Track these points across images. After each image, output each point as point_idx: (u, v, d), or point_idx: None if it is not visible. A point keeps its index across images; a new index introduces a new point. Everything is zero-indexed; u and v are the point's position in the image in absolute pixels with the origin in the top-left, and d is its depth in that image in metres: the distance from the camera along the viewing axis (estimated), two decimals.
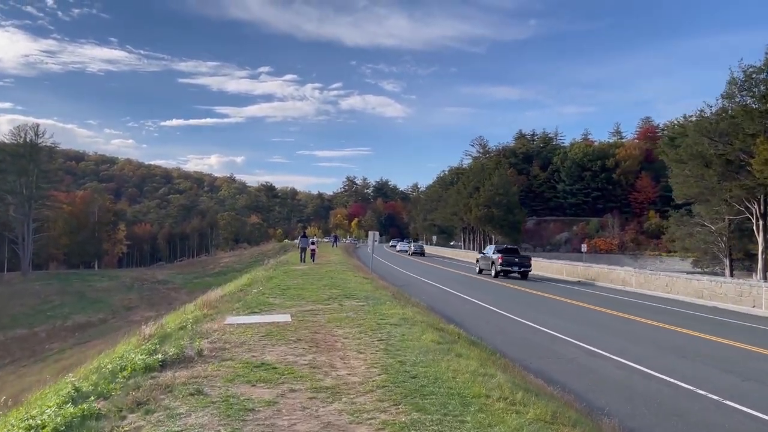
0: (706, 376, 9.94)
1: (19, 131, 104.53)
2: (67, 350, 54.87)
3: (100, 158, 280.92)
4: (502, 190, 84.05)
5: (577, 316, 18.10)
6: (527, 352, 11.47)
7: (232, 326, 9.75)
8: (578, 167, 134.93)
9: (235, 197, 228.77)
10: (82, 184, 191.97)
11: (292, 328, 9.68)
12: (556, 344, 12.65)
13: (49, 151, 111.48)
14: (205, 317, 11.15)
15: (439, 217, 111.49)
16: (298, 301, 13.43)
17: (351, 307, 12.44)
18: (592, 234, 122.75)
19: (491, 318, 16.64)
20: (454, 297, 22.41)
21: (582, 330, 14.81)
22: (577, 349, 12.07)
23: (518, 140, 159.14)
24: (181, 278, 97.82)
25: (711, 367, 10.73)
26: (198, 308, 13.05)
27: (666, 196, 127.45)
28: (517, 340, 13.12)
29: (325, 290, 16.40)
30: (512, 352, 10.91)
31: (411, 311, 11.82)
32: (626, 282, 28.99)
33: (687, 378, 9.54)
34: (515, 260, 34.51)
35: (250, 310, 11.72)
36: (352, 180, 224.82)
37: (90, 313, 74.24)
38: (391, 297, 14.81)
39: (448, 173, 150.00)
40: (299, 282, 19.15)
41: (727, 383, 9.42)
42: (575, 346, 12.45)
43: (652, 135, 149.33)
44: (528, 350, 11.78)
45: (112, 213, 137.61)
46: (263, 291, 15.69)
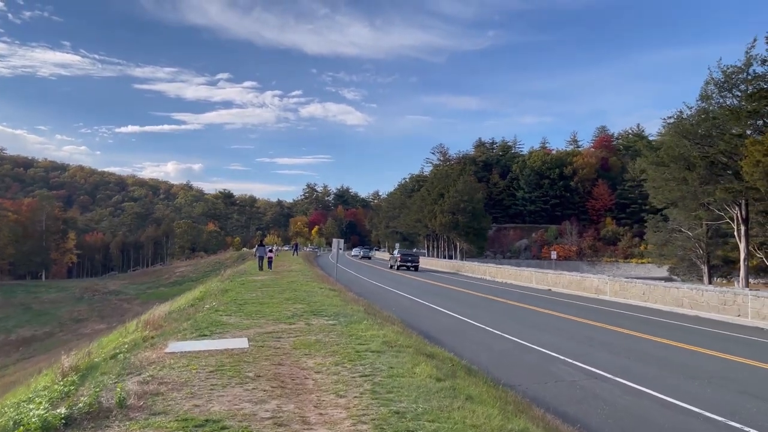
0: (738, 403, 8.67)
1: None
2: (11, 366, 51.45)
3: (51, 165, 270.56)
4: (467, 197, 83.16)
5: (561, 328, 16.85)
6: (524, 375, 10.05)
7: (174, 356, 7.97)
8: (537, 175, 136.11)
9: (192, 205, 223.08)
10: (30, 191, 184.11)
11: (249, 358, 7.90)
12: (549, 364, 11.27)
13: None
14: (144, 341, 9.30)
15: (403, 225, 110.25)
16: (257, 320, 11.59)
17: (320, 326, 10.74)
18: (550, 241, 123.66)
19: (473, 333, 15.21)
20: (425, 308, 20.95)
21: (571, 345, 13.51)
22: (575, 370, 10.71)
23: (478, 148, 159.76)
24: (135, 289, 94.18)
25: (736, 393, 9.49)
26: (139, 329, 11.18)
27: (622, 204, 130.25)
28: (507, 359, 11.70)
29: (288, 305, 14.53)
30: (509, 376, 9.47)
31: (391, 331, 10.14)
32: (600, 290, 28.07)
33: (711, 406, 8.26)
34: (408, 259, 53.21)
35: (200, 333, 9.87)
36: (312, 187, 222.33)
37: (36, 326, 70.44)
38: (364, 312, 12.96)
39: (409, 180, 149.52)
40: (258, 295, 17.12)
41: None
42: (571, 366, 11.10)
43: (607, 144, 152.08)
44: (524, 372, 10.36)
45: (61, 221, 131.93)
46: (217, 307, 13.65)
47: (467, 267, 52.06)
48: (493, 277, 42.82)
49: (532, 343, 13.64)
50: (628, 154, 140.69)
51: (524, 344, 13.51)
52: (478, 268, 48.60)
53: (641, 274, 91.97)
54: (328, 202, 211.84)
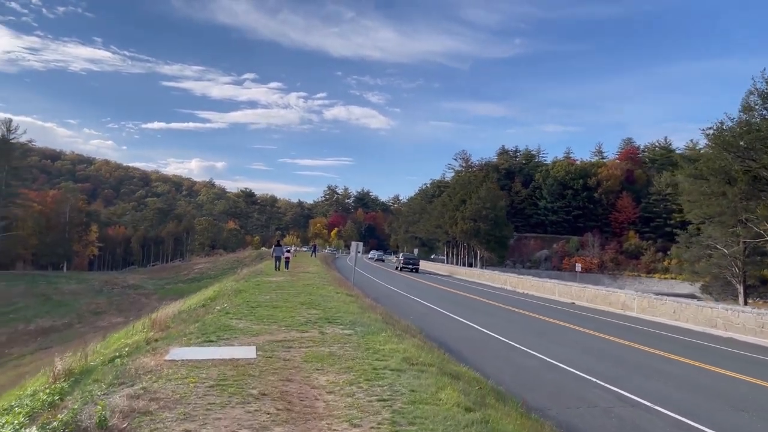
0: None
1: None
2: (27, 356, 51.58)
3: (77, 158, 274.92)
4: (490, 204, 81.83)
5: (588, 346, 15.95)
6: (554, 398, 9.25)
7: (174, 364, 7.31)
8: (560, 185, 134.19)
9: (213, 202, 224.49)
10: (56, 183, 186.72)
11: (255, 371, 7.16)
12: (579, 386, 10.45)
13: (21, 147, 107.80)
14: (147, 344, 8.69)
15: (422, 230, 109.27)
16: (268, 326, 10.85)
17: (335, 336, 9.93)
18: (572, 252, 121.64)
19: (495, 347, 14.43)
20: (444, 317, 20.19)
21: (602, 366, 12.64)
22: (608, 395, 9.87)
23: (501, 156, 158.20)
24: (153, 283, 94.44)
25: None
26: (145, 329, 10.60)
27: (646, 217, 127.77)
28: (533, 378, 10.89)
29: (302, 310, 13.76)
30: (537, 398, 8.71)
31: (411, 345, 9.38)
32: (627, 306, 26.98)
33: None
34: (410, 262, 61.27)
35: (205, 338, 9.18)
36: (333, 189, 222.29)
37: (55, 317, 70.84)
38: (381, 322, 12.27)
39: (430, 186, 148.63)
40: (272, 298, 16.47)
41: None
42: (603, 389, 10.26)
43: (633, 156, 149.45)
44: (553, 395, 9.55)
45: (84, 214, 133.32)
46: (228, 309, 13.03)
47: (487, 276, 51.06)
48: (514, 287, 41.82)
49: (558, 360, 12.81)
50: (654, 167, 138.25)
51: (550, 362, 12.68)
52: (499, 277, 47.60)
53: (664, 289, 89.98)
54: (348, 205, 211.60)
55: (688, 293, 69.12)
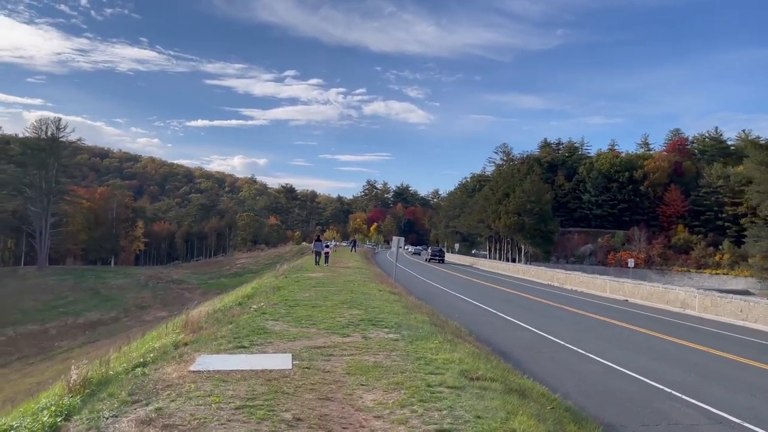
0: None
1: (41, 125, 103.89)
2: (76, 349, 52.75)
3: (124, 155, 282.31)
4: (534, 198, 79.43)
5: (654, 349, 14.65)
6: (627, 413, 8.17)
7: (199, 376, 6.52)
8: (605, 178, 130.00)
9: (255, 198, 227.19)
10: (105, 180, 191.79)
11: (289, 387, 6.22)
12: (654, 397, 9.29)
13: (69, 145, 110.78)
14: (176, 348, 7.96)
15: (464, 225, 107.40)
16: (307, 328, 10.08)
17: (379, 342, 8.96)
18: (617, 247, 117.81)
19: (551, 350, 13.32)
20: (492, 317, 19.12)
21: (674, 374, 11.39)
22: (688, 409, 8.70)
23: (543, 149, 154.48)
24: (197, 278, 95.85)
25: None
26: (176, 331, 9.93)
27: (696, 211, 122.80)
28: (599, 388, 9.78)
29: (343, 310, 12.94)
30: (609, 413, 7.65)
31: (466, 353, 8.42)
32: (687, 304, 25.29)
33: None
34: (437, 254, 71.99)
35: (237, 342, 8.42)
36: (372, 184, 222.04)
37: (102, 310, 72.47)
38: (429, 324, 11.36)
39: (470, 180, 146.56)
40: (311, 295, 15.77)
41: None
42: (682, 402, 9.08)
43: (681, 148, 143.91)
44: (626, 409, 8.45)
45: (130, 210, 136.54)
46: (264, 308, 12.36)
47: (532, 271, 49.42)
48: (562, 283, 40.19)
49: (624, 366, 11.62)
50: (703, 159, 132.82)
51: (615, 368, 11.52)
52: (545, 273, 45.93)
53: (715, 285, 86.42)
54: (387, 200, 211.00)
55: (742, 289, 65.95)
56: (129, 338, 28.98)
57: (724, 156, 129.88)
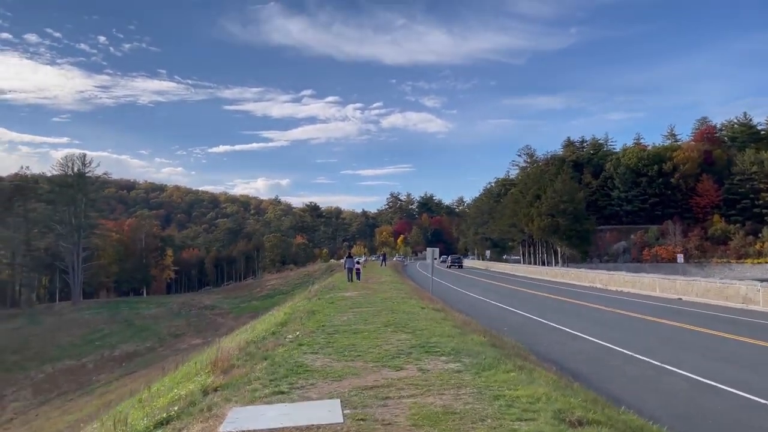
0: None
1: (67, 161, 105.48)
2: (113, 382, 52.49)
3: (150, 186, 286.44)
4: (567, 197, 77.39)
5: (733, 354, 13.21)
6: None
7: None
8: (633, 173, 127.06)
9: (280, 219, 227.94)
10: (132, 212, 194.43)
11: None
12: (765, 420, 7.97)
13: (96, 180, 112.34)
14: (205, 395, 6.92)
15: (495, 231, 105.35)
16: (352, 361, 8.84)
17: (441, 376, 7.54)
18: (651, 242, 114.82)
19: (620, 362, 12.03)
20: (543, 327, 17.84)
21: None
22: None
23: (567, 148, 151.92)
24: (228, 303, 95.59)
25: None
26: (205, 370, 8.92)
27: (731, 200, 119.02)
28: (693, 410, 8.47)
29: (388, 335, 11.68)
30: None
31: (547, 384, 7.12)
32: (750, 300, 23.54)
33: None
34: (456, 261, 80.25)
35: (275, 387, 7.22)
36: (396, 196, 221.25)
37: (137, 341, 72.40)
38: (490, 347, 10.07)
39: (495, 185, 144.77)
40: (350, 319, 14.60)
41: None
42: None
43: (710, 136, 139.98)
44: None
45: (159, 239, 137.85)
46: (300, 338, 11.25)
47: (572, 274, 47.69)
48: (605, 285, 38.45)
49: (709, 378, 10.26)
50: (734, 146, 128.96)
51: (700, 381, 10.16)
52: (585, 275, 44.18)
53: (758, 275, 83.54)
54: (412, 211, 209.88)
55: None
56: (163, 369, 28.24)
57: (755, 141, 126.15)
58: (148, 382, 21.66)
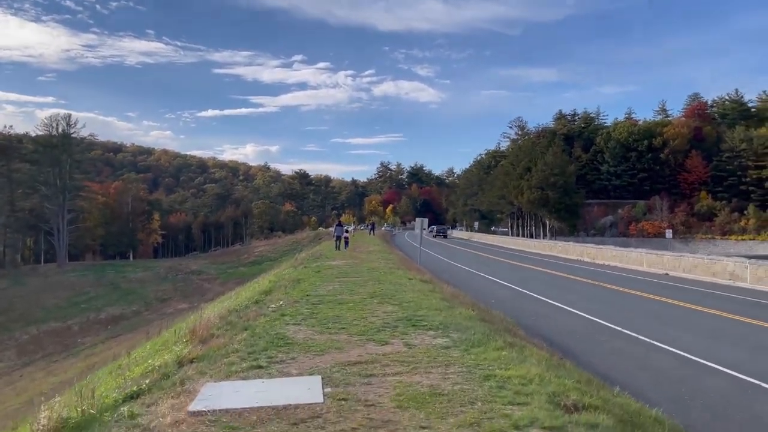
0: None
1: (52, 121, 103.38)
2: (99, 345, 52.36)
3: (138, 149, 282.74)
4: (558, 170, 77.11)
5: (719, 331, 13.05)
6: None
7: (201, 420, 4.78)
8: (623, 147, 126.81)
9: (269, 186, 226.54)
10: (120, 175, 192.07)
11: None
12: (756, 401, 7.74)
13: (82, 141, 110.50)
14: (180, 367, 6.54)
15: (483, 202, 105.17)
16: (336, 334, 8.45)
17: (428, 352, 7.16)
18: (638, 217, 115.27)
19: (608, 339, 11.82)
20: (530, 301, 17.63)
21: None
22: None
23: (558, 121, 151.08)
24: (215, 268, 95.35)
25: None
26: (183, 340, 8.55)
27: (718, 176, 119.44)
28: (683, 389, 8.24)
29: (374, 306, 11.29)
30: None
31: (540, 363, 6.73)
32: (737, 276, 23.49)
33: None
34: (441, 231, 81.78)
35: (253, 360, 6.81)
36: (386, 166, 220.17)
37: (123, 305, 72.18)
38: (479, 321, 9.74)
39: (485, 156, 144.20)
40: (335, 289, 14.21)
41: None
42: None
43: (701, 113, 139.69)
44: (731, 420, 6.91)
45: (146, 203, 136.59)
46: (284, 308, 10.89)
47: (559, 247, 47.68)
48: (593, 258, 38.44)
49: (698, 356, 10.04)
50: (724, 123, 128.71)
51: (693, 360, 9.93)
52: (573, 248, 44.17)
53: (741, 251, 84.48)
54: (401, 181, 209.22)
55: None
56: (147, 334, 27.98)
57: (745, 119, 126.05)
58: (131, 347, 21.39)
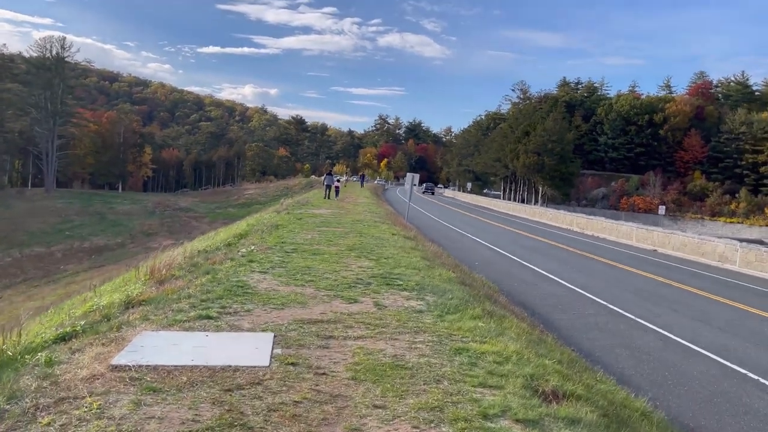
0: None
1: (45, 43, 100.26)
2: (81, 273, 52.06)
3: (134, 80, 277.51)
4: (556, 137, 75.87)
5: (709, 314, 12.64)
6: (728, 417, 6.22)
7: (121, 377, 4.18)
8: (623, 120, 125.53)
9: (265, 129, 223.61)
10: (114, 104, 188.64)
11: (258, 411, 3.77)
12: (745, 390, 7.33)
13: (76, 66, 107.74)
14: (126, 308, 5.92)
15: (479, 164, 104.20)
16: (302, 287, 7.77)
17: (398, 315, 6.59)
18: (630, 191, 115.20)
19: (592, 313, 11.39)
20: (514, 266, 17.23)
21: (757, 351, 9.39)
22: None
23: (561, 88, 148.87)
24: (204, 207, 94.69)
25: None
26: (141, 279, 7.96)
27: (715, 157, 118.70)
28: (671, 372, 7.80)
29: (350, 260, 10.72)
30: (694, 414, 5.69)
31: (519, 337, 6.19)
32: (726, 258, 23.09)
33: None
34: (430, 188, 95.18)
35: (204, 308, 6.15)
36: (384, 119, 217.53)
37: (109, 235, 71.74)
38: (458, 284, 9.19)
39: (485, 118, 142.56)
40: (314, 237, 13.60)
41: None
42: None
43: (705, 92, 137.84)
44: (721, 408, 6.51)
45: (138, 135, 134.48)
46: (254, 253, 10.31)
47: (550, 215, 47.20)
48: (582, 229, 38.04)
49: (687, 339, 9.62)
50: (727, 104, 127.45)
51: (677, 341, 9.52)
52: (564, 217, 43.70)
53: (729, 234, 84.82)
54: (398, 135, 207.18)
55: (756, 239, 63.90)
56: (127, 267, 27.47)
57: (748, 102, 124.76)
58: (107, 279, 20.88)
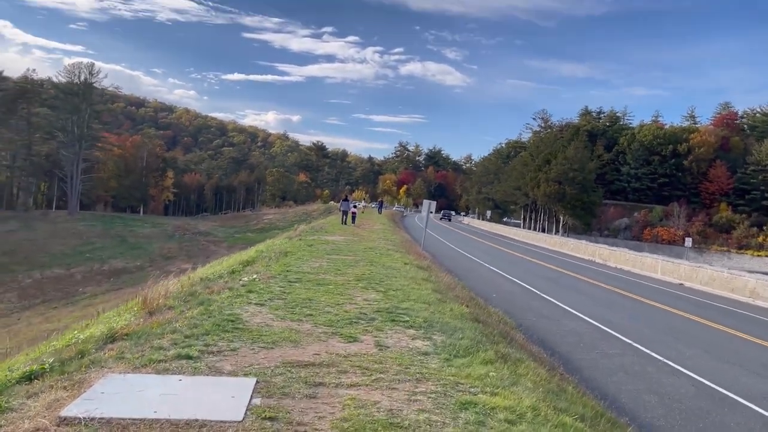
0: None
1: (74, 69, 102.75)
2: (99, 295, 52.29)
3: (160, 106, 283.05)
4: (578, 166, 74.99)
5: (749, 358, 12.00)
6: None
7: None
8: (646, 150, 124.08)
9: (286, 154, 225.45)
10: (140, 129, 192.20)
11: None
12: None
13: (103, 92, 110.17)
14: (106, 343, 5.54)
15: (499, 192, 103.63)
16: (299, 322, 7.34)
17: (400, 357, 6.06)
18: (654, 222, 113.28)
19: (618, 353, 10.85)
20: (534, 299, 16.69)
21: None
22: None
23: (583, 117, 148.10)
24: (223, 231, 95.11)
25: None
26: (134, 308, 7.71)
27: (741, 189, 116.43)
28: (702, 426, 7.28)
29: (356, 291, 10.21)
30: None
31: (536, 388, 5.61)
32: (757, 294, 21.89)
33: None
34: (447, 216, 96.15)
35: (185, 345, 5.79)
36: (404, 146, 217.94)
37: (128, 258, 72.17)
38: (471, 322, 8.63)
39: (505, 146, 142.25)
40: (321, 266, 13.26)
41: None
42: None
43: (730, 122, 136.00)
44: None
45: (161, 159, 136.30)
46: (257, 282, 9.97)
47: (571, 245, 46.29)
48: (605, 260, 37.18)
49: (723, 386, 8.99)
50: (753, 135, 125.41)
51: (713, 388, 8.92)
52: (586, 248, 42.77)
53: (756, 268, 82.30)
54: (418, 163, 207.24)
55: None
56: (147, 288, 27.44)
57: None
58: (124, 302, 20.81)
